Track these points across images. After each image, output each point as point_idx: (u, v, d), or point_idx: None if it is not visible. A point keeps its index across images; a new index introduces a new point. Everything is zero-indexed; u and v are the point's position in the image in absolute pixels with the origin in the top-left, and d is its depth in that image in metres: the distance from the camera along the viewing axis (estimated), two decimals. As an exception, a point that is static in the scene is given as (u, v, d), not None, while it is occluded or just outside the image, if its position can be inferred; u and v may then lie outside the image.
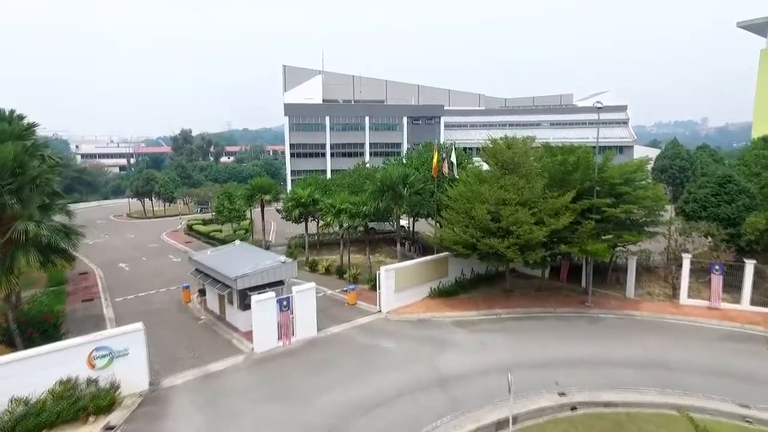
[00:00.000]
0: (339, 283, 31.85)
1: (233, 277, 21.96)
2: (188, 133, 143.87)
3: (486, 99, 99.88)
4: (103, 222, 69.04)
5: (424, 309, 26.39)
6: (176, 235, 52.43)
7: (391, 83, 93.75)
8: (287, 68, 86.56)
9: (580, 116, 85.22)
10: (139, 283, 33.18)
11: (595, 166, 25.05)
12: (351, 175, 39.75)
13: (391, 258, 38.12)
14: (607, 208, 24.02)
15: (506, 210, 23.95)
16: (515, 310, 25.95)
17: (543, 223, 23.78)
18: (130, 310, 27.33)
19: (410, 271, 27.14)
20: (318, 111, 76.35)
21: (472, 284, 29.62)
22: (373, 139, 77.49)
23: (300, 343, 22.20)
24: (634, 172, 24.55)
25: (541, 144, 27.48)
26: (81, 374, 16.42)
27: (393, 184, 28.14)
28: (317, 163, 76.29)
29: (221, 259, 25.01)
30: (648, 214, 25.25)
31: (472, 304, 26.82)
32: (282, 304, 21.76)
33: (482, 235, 24.17)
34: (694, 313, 24.80)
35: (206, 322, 25.19)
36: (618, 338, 22.15)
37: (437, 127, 79.37)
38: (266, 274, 22.89)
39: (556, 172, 25.58)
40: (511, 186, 24.79)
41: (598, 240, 24.56)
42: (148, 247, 46.63)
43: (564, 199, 23.82)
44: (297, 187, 37.62)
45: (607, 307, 26.11)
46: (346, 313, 26.09)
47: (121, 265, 38.90)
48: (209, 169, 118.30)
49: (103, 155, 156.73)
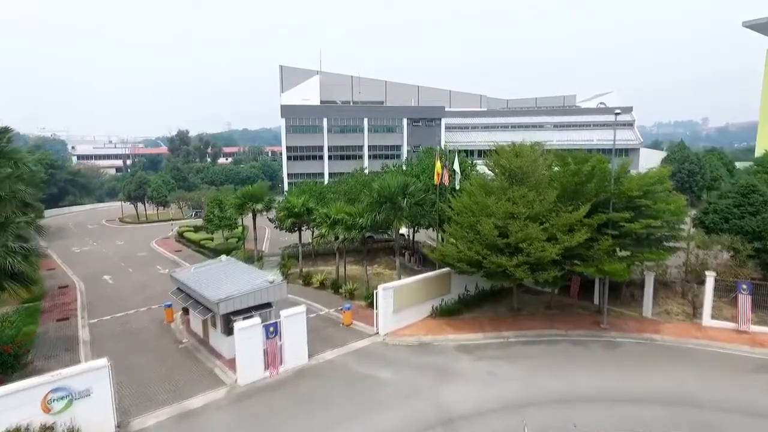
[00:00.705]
0: (334, 298, 29.83)
1: (215, 301, 19.90)
2: (185, 134, 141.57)
3: (488, 100, 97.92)
4: (94, 227, 67.03)
5: (425, 331, 24.34)
6: (167, 243, 50.36)
7: (390, 84, 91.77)
8: (284, 68, 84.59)
9: (585, 118, 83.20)
10: (121, 299, 31.14)
11: (611, 177, 22.99)
12: (348, 182, 37.69)
13: (390, 269, 36.11)
14: (625, 223, 21.96)
15: (515, 225, 21.91)
16: (524, 332, 23.89)
17: (555, 239, 21.75)
18: (108, 331, 25.32)
19: (410, 289, 25.10)
20: (315, 112, 74.34)
21: (476, 302, 27.57)
22: (372, 142, 75.49)
23: (289, 373, 20.15)
24: (654, 184, 22.48)
25: (551, 151, 25.36)
26: (34, 420, 14.37)
27: (391, 195, 26.08)
28: (315, 166, 74.32)
29: (204, 279, 22.95)
30: (668, 228, 23.14)
31: (477, 326, 24.76)
32: (269, 331, 19.71)
33: (489, 252, 22.13)
34: (720, 337, 22.73)
35: (188, 346, 23.14)
36: (639, 367, 20.09)
37: (438, 129, 77.35)
38: (252, 296, 20.83)
39: (568, 183, 23.52)
40: (520, 198, 22.74)
41: (615, 258, 22.52)
42: (137, 256, 44.57)
43: (579, 214, 21.77)
44: (290, 195, 35.57)
45: (625, 329, 24.05)
46: (341, 335, 24.05)
47: (105, 277, 36.85)
48: (206, 171, 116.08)
49: (100, 156, 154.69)
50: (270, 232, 50.39)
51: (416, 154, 53.29)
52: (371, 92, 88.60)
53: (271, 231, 48.52)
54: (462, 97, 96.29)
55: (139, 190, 70.39)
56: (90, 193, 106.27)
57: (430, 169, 32.43)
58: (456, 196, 26.38)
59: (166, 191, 70.04)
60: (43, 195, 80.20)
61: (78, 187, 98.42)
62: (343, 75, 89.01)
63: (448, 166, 28.58)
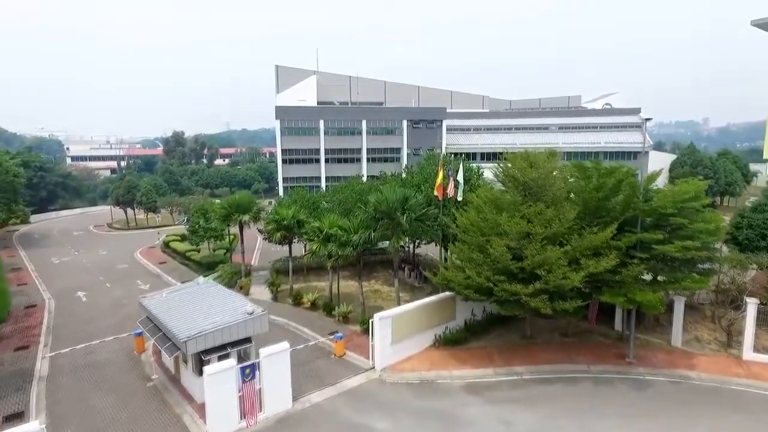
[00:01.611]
0: (326, 322, 26.99)
1: (182, 339, 17.04)
2: (180, 135, 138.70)
3: (490, 101, 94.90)
4: (80, 233, 64.09)
5: (427, 365, 21.48)
6: (152, 253, 47.42)
7: (390, 84, 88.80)
8: (280, 68, 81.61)
9: (591, 119, 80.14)
10: (93, 321, 28.27)
11: (640, 192, 20.13)
12: (343, 191, 34.80)
13: (388, 285, 33.26)
14: (658, 246, 19.11)
15: (531, 247, 19.07)
16: (540, 367, 21.03)
17: (578, 263, 18.91)
18: (70, 363, 22.44)
19: (410, 317, 22.23)
20: (312, 114, 71.32)
21: (484, 328, 24.70)
22: (371, 144, 72.48)
23: (270, 421, 17.33)
24: (690, 200, 19.61)
25: (574, 163, 22.45)
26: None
27: (389, 210, 23.19)
28: (311, 169, 71.32)
29: (174, 308, 20.06)
30: (705, 249, 20.22)
31: (486, 358, 21.90)
32: (245, 373, 16.87)
33: (501, 277, 19.29)
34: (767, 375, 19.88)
35: (157, 384, 20.25)
36: (677, 415, 17.26)
37: (439, 132, 74.38)
38: (227, 331, 17.97)
39: (590, 198, 20.65)
40: (536, 216, 19.87)
41: (645, 285, 19.65)
42: (117, 268, 41.64)
43: (605, 234, 18.91)
44: (279, 206, 32.67)
45: (654, 363, 21.21)
46: (332, 370, 21.20)
47: (80, 294, 33.93)
48: (201, 174, 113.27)
49: (94, 158, 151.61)
50: (261, 243, 47.47)
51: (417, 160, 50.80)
52: (370, 93, 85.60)
53: (263, 241, 45.68)
54: (463, 98, 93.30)
55: (128, 194, 67.41)
56: (82, 197, 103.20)
57: (432, 178, 29.55)
58: (461, 210, 23.52)
59: (155, 196, 67.08)
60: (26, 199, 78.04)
61: (69, 191, 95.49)
62: (341, 75, 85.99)
63: (452, 176, 25.74)
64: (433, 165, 31.44)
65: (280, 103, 73.52)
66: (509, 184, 22.45)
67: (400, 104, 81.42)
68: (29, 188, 79.13)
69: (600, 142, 75.03)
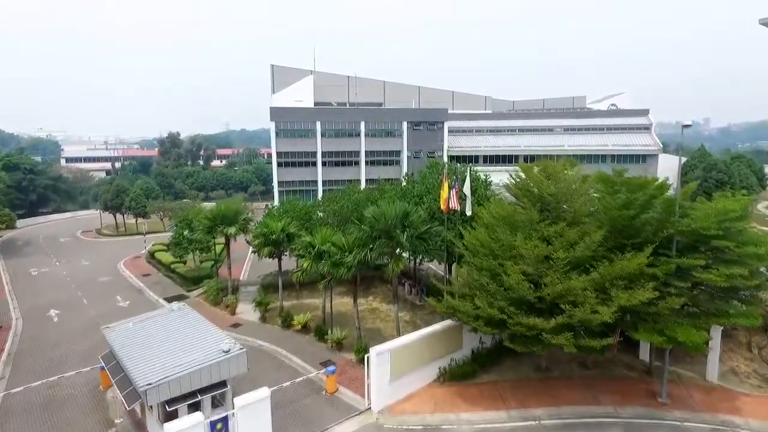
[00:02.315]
0: (318, 348, 24.33)
1: (142, 387, 14.38)
2: (176, 137, 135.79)
3: (492, 101, 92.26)
4: (66, 240, 61.39)
5: (431, 405, 18.81)
6: (136, 264, 44.70)
7: (389, 84, 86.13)
8: (276, 68, 78.96)
9: (598, 121, 77.35)
10: (60, 345, 25.63)
11: (677, 210, 17.46)
12: (338, 200, 32.10)
13: (387, 302, 30.59)
14: (698, 273, 16.45)
15: (552, 274, 16.42)
16: (560, 409, 18.35)
17: (606, 293, 16.26)
18: (27, 400, 19.77)
19: (411, 350, 19.56)
20: (308, 115, 68.61)
21: (494, 358, 21.96)
22: (370, 147, 69.74)
23: (246, 484, 14.66)
24: (736, 219, 16.96)
25: (600, 174, 19.69)
26: None
27: (387, 228, 20.50)
28: (307, 173, 68.67)
29: (139, 344, 17.38)
30: (753, 276, 17.51)
31: (498, 397, 19.23)
32: (215, 428, 14.22)
33: (516, 309, 16.64)
34: (824, 423, 17.23)
35: (119, 430, 17.59)
36: (728, 478, 14.61)
37: (440, 134, 71.71)
38: (197, 375, 15.31)
39: (618, 216, 17.97)
40: (556, 237, 17.22)
41: (685, 318, 16.98)
42: (98, 281, 38.92)
43: (639, 260, 16.23)
44: (268, 216, 29.99)
45: (690, 404, 18.54)
46: (322, 411, 18.53)
47: (52, 312, 31.23)
48: (195, 176, 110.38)
49: (89, 159, 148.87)
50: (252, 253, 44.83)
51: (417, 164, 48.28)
52: (369, 93, 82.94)
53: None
54: (465, 99, 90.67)
55: (117, 199, 64.64)
56: (74, 200, 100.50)
57: (435, 189, 26.89)
58: (468, 227, 20.84)
59: (145, 201, 64.28)
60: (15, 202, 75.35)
61: (60, 193, 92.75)
62: (339, 75, 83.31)
63: (457, 187, 23.07)
64: (436, 174, 28.75)
65: (275, 104, 70.88)
66: (524, 199, 19.76)
67: (399, 105, 78.74)
68: (18, 191, 76.44)
69: (607, 145, 72.31)
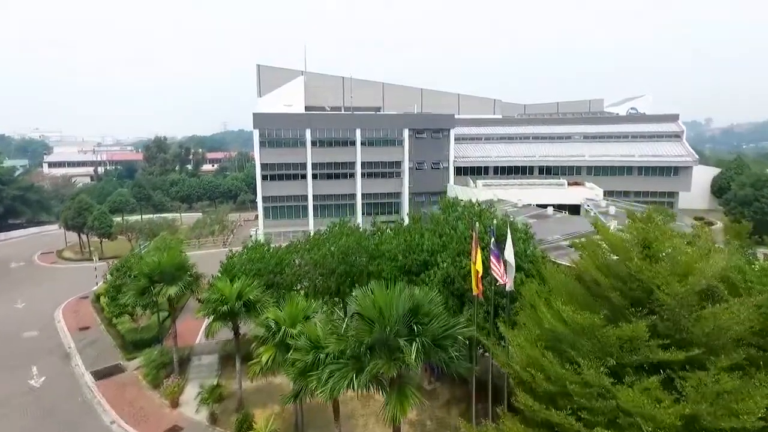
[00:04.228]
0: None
1: None
2: (162, 141, 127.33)
3: (502, 105, 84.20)
4: (18, 266, 53.55)
5: None
6: (79, 309, 36.64)
7: (388, 86, 78.16)
8: (262, 68, 71.07)
9: (621, 127, 69.27)
10: None
11: None
12: (320, 246, 24.12)
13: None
14: None
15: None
16: None
17: None
18: None
19: None
20: (297, 122, 60.59)
21: None
22: (367, 157, 61.85)
23: None
24: None
25: (720, 257, 11.73)
26: None
27: (385, 336, 12.63)
28: (296, 187, 60.77)
29: None
30: None
31: None
32: None
33: None
34: None
35: None
36: None
37: (446, 142, 63.84)
38: None
39: None
40: (699, 387, 9.31)
41: None
42: (21, 338, 30.95)
43: None
44: (222, 276, 21.99)
45: None
46: None
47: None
48: (180, 184, 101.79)
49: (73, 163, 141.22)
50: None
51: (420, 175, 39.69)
52: (366, 96, 74.89)
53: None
54: (472, 102, 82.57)
55: (79, 218, 56.77)
56: (49, 211, 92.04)
57: (456, 241, 18.86)
58: (509, 323, 12.95)
59: (110, 220, 56.31)
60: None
61: (31, 205, 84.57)
62: (333, 76, 75.26)
63: (496, 251, 15.19)
64: (453, 218, 20.70)
65: (260, 109, 62.91)
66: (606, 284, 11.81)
67: (400, 110, 70.82)
68: None
69: (634, 155, 64.18)
